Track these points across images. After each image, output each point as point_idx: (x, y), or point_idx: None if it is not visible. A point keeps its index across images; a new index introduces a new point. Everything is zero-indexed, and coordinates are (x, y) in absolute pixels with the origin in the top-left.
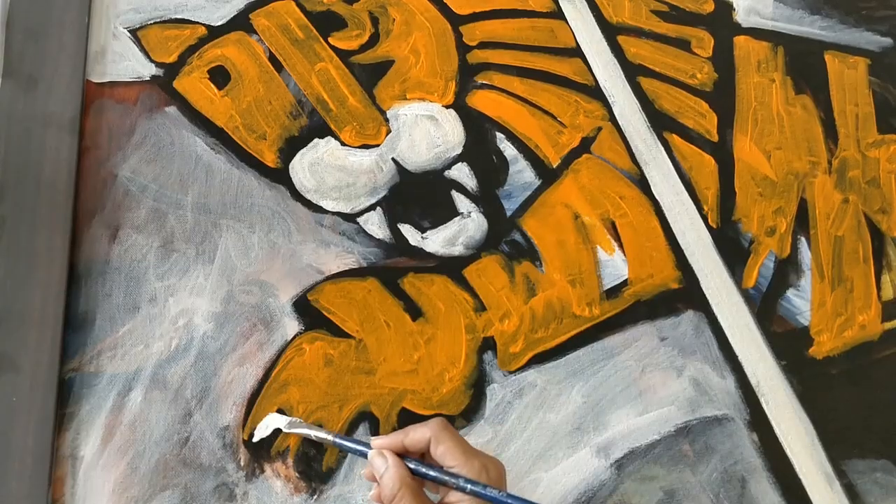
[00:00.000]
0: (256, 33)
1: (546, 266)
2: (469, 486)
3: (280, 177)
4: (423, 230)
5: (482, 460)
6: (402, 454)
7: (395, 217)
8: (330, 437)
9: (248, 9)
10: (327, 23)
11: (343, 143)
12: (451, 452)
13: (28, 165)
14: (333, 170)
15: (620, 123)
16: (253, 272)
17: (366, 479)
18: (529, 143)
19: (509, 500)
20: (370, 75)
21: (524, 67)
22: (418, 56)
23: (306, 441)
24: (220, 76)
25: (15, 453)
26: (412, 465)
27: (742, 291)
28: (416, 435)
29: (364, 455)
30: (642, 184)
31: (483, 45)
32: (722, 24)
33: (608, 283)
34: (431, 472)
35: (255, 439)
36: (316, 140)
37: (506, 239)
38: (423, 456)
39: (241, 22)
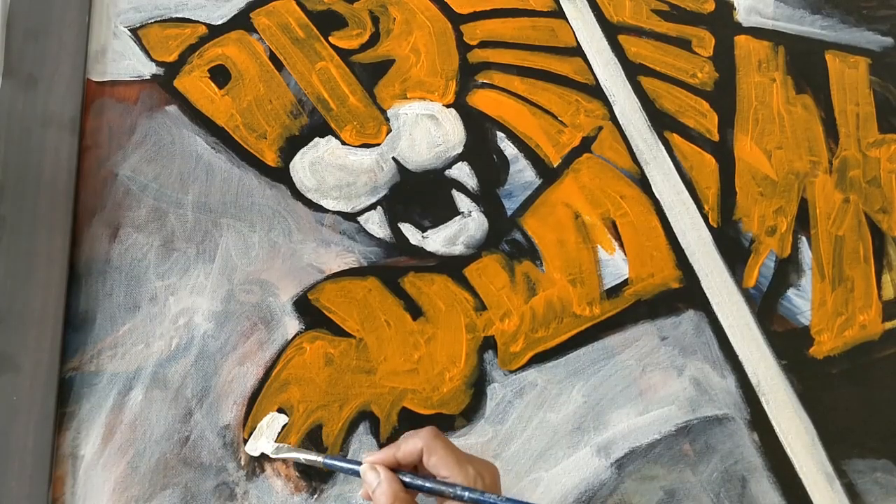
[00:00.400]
0: (257, 32)
1: (546, 265)
2: (467, 493)
3: (280, 176)
4: (423, 229)
5: (476, 467)
6: (396, 468)
7: (396, 216)
8: (319, 459)
9: (249, 8)
10: (328, 22)
11: (343, 143)
12: (444, 462)
13: (28, 165)
14: (334, 169)
15: (621, 123)
16: (253, 271)
17: (363, 499)
18: (530, 143)
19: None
20: (371, 74)
21: (525, 67)
22: (419, 55)
23: (306, 440)
24: (220, 75)
25: (15, 453)
26: (407, 479)
27: (742, 291)
28: (407, 447)
29: (356, 474)
30: (643, 183)
31: (483, 45)
32: (723, 23)
33: (609, 282)
34: (427, 484)
35: (247, 449)
36: (316, 139)
37: (506, 238)
38: (417, 468)
39: (241, 21)
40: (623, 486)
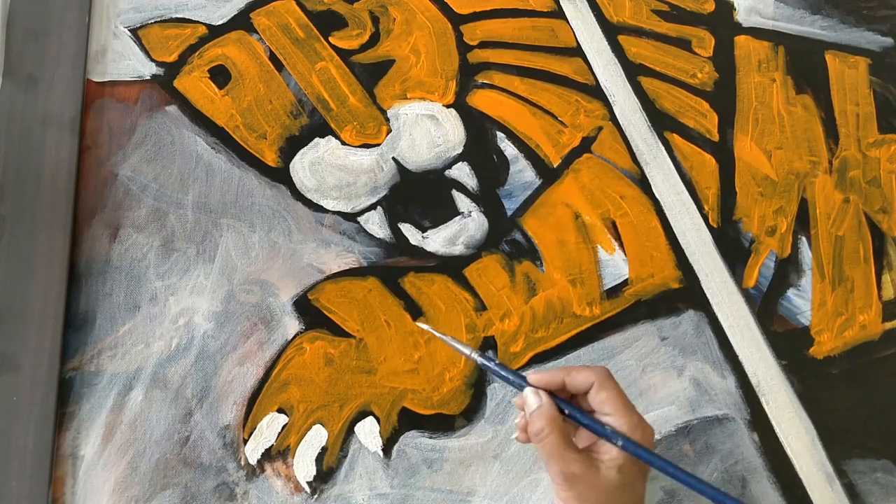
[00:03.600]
0: (257, 32)
1: (546, 265)
2: (621, 440)
3: (280, 176)
4: (423, 229)
5: (639, 418)
6: (556, 392)
7: (396, 216)
8: (475, 356)
9: (249, 8)
10: (328, 22)
11: (343, 143)
12: (611, 401)
13: (28, 165)
14: (334, 169)
15: (621, 123)
16: (253, 271)
17: (516, 408)
18: (530, 143)
19: (659, 462)
20: (371, 75)
21: (525, 67)
22: (419, 55)
23: (308, 440)
24: (220, 75)
25: (15, 453)
26: (567, 410)
27: (742, 291)
28: (579, 377)
29: (514, 385)
30: (643, 183)
31: (484, 45)
32: (723, 23)
33: (609, 282)
34: (585, 420)
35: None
36: (316, 139)
37: (506, 238)
38: (574, 398)
39: (241, 21)
40: None
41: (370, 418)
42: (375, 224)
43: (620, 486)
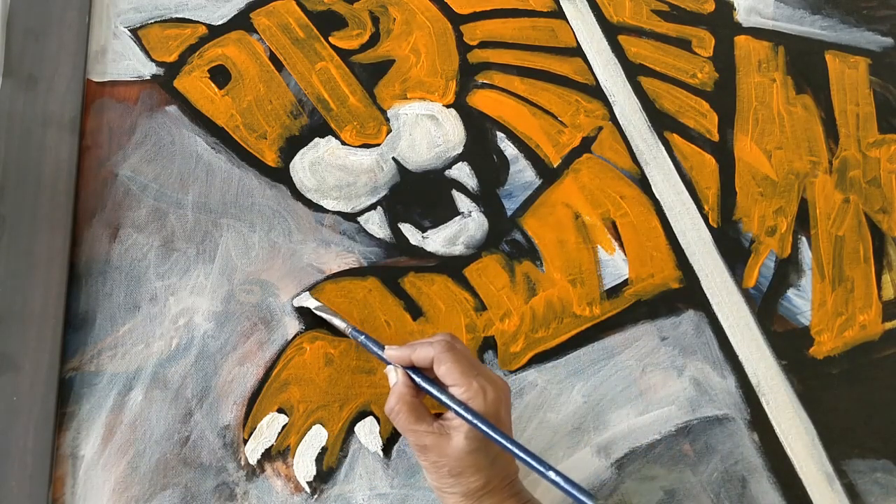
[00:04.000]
0: (257, 32)
1: (546, 265)
2: (461, 409)
3: (280, 176)
4: (423, 229)
5: (481, 382)
6: (413, 365)
7: (396, 216)
8: (349, 330)
9: (249, 8)
10: (328, 22)
11: (343, 143)
12: (450, 373)
13: (28, 165)
14: (334, 169)
15: (621, 123)
16: (253, 271)
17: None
18: (530, 143)
19: (484, 428)
20: (371, 75)
21: (525, 67)
22: (419, 55)
23: (308, 440)
24: (220, 75)
25: (15, 453)
26: (419, 381)
27: (742, 291)
28: (421, 353)
29: (376, 354)
30: (643, 183)
31: (484, 45)
32: (723, 23)
33: (609, 282)
34: (433, 392)
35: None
36: (316, 139)
37: (506, 238)
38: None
39: (241, 21)
40: (623, 486)
41: (370, 418)
42: (375, 224)
43: (471, 450)
